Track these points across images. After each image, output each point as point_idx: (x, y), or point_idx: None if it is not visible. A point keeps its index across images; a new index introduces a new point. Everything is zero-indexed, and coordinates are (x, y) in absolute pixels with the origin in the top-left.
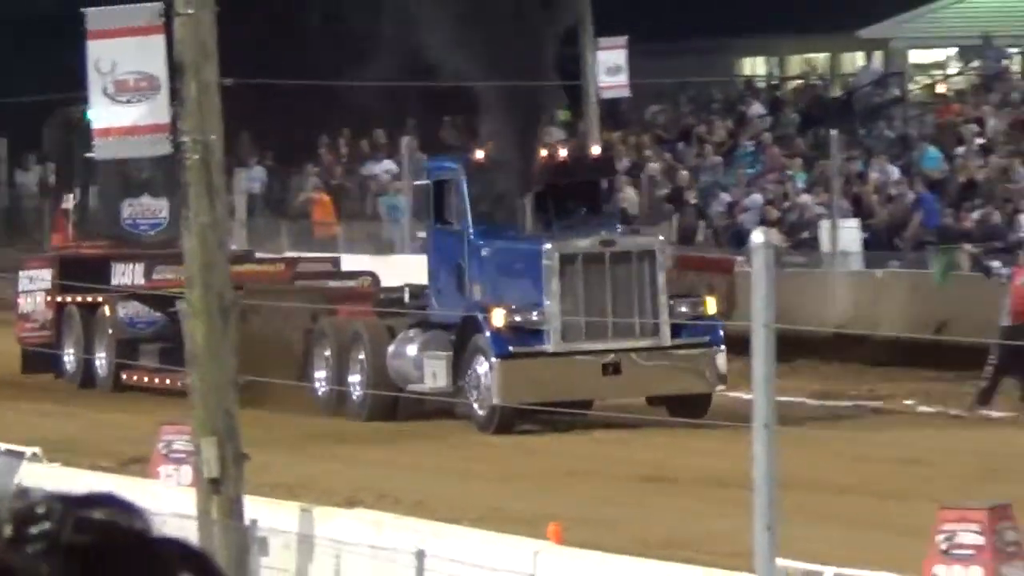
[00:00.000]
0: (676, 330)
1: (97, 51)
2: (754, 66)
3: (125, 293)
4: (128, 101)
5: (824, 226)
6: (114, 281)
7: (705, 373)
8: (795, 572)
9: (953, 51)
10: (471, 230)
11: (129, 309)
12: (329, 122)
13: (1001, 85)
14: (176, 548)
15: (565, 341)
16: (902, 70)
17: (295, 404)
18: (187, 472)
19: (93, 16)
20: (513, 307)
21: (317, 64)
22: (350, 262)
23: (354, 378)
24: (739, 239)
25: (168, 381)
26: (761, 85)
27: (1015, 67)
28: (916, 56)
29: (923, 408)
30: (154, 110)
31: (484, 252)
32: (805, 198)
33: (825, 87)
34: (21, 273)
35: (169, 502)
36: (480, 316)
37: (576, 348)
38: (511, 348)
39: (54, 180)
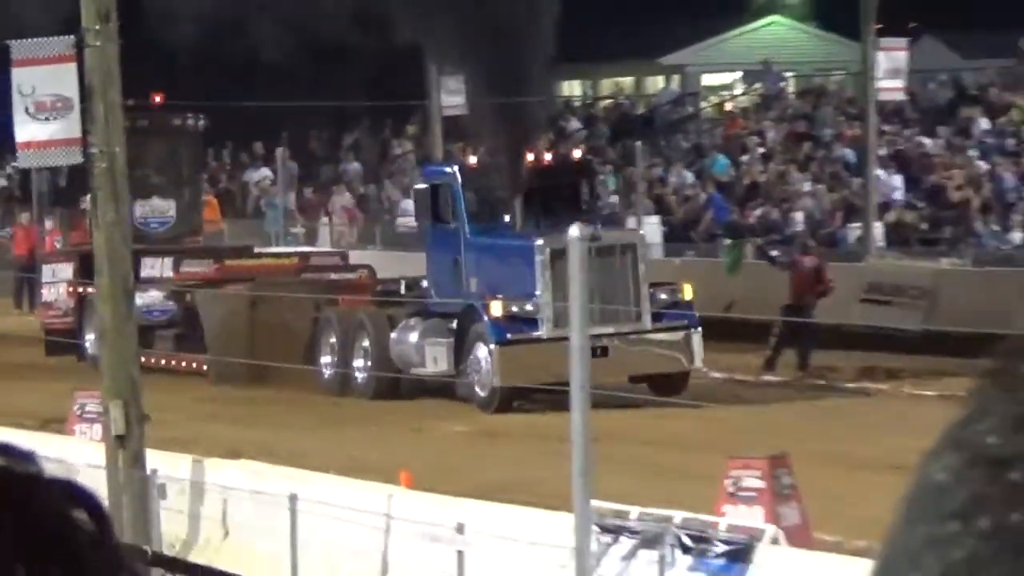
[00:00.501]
0: (657, 315)
1: (20, 77)
2: (572, 88)
3: (144, 285)
4: (46, 119)
5: (631, 222)
6: (143, 274)
7: (682, 353)
8: (606, 511)
9: (739, 75)
10: (467, 228)
11: (147, 299)
12: (216, 138)
13: (778, 104)
14: (66, 487)
15: (557, 328)
16: (696, 91)
17: (303, 385)
18: (98, 430)
19: (16, 47)
20: (510, 298)
21: (197, 87)
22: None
23: (358, 362)
24: None
25: (184, 364)
26: (577, 104)
27: (790, 88)
28: (708, 79)
29: (715, 374)
30: (68, 127)
31: (479, 248)
32: (614, 199)
33: (631, 106)
34: (44, 267)
35: (83, 455)
36: (480, 306)
37: (567, 334)
38: (509, 335)
39: (66, 183)
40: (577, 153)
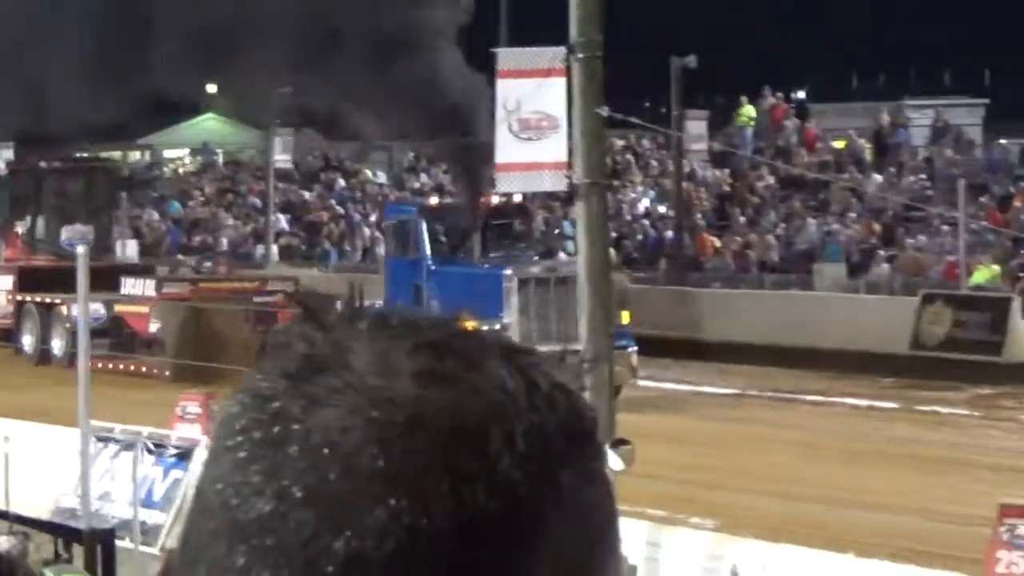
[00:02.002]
0: None
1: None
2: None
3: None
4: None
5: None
6: (124, 291)
7: (625, 368)
8: (98, 428)
9: (187, 151)
10: (429, 259)
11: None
12: None
13: (212, 169)
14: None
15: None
16: (160, 160)
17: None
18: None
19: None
20: (479, 318)
21: None
22: None
23: None
24: None
25: (111, 365)
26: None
27: (220, 159)
28: (168, 153)
29: None
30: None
31: (442, 276)
32: None
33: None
34: None
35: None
36: None
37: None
38: None
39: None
40: (518, 198)
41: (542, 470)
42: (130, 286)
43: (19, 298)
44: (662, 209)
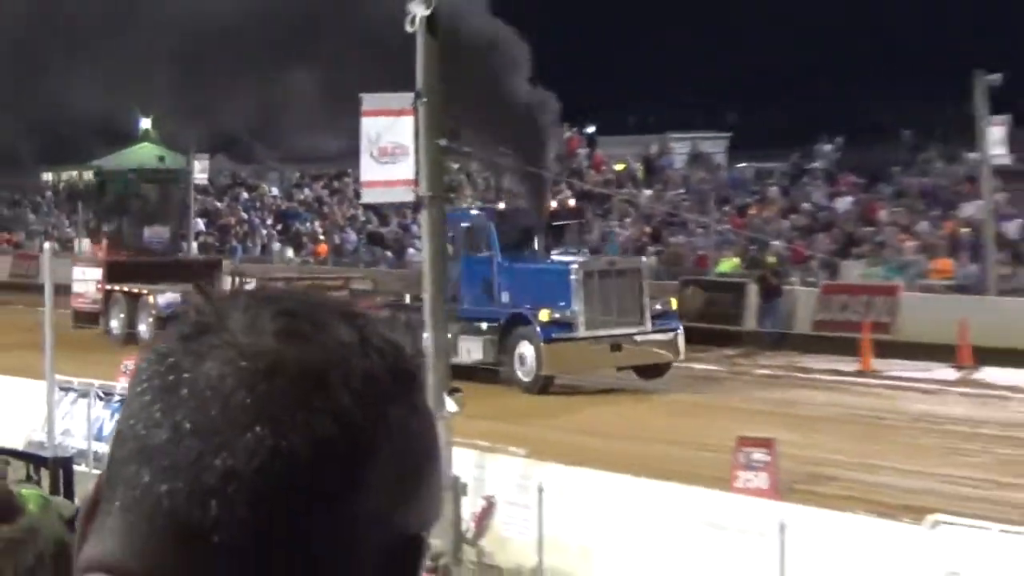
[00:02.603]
0: (652, 321)
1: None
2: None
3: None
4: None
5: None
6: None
7: (671, 349)
8: (62, 381)
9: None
10: (499, 256)
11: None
12: None
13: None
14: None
15: (587, 330)
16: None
17: None
18: None
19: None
20: (552, 307)
21: None
22: None
23: None
24: None
25: None
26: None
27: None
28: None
29: None
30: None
31: (510, 271)
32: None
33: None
34: (75, 268)
35: None
36: (528, 314)
37: (594, 334)
38: (553, 335)
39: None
40: (572, 201)
41: (374, 404)
42: (225, 283)
43: (107, 287)
44: None
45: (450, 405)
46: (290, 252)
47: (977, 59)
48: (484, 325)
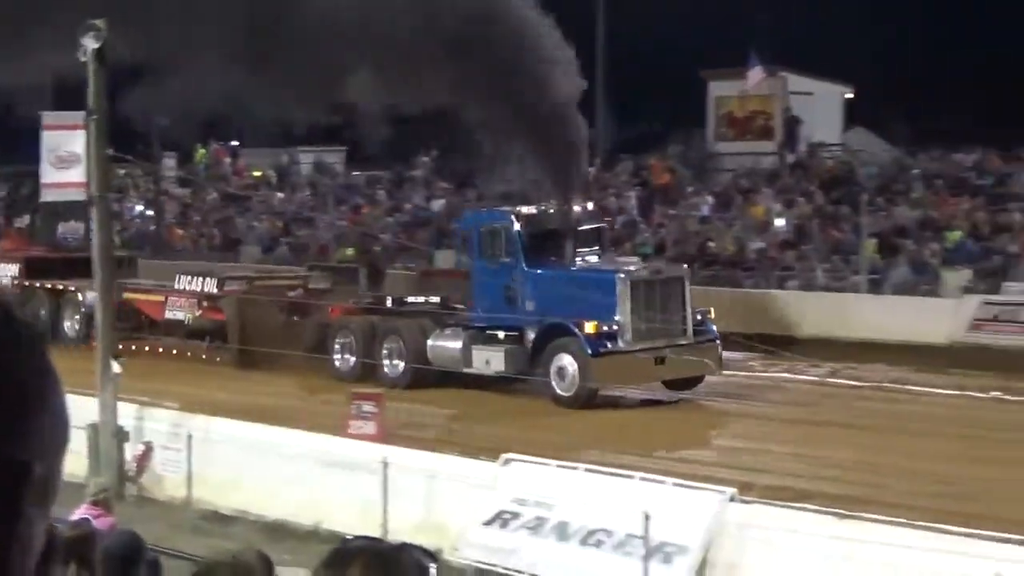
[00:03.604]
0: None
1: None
2: None
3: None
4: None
5: None
6: (178, 287)
7: (713, 359)
8: None
9: None
10: (523, 263)
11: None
12: None
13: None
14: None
15: (633, 341)
16: None
17: (319, 372)
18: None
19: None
20: (599, 318)
21: None
22: None
23: (387, 359)
24: None
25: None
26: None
27: None
28: None
29: None
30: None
31: (536, 278)
32: None
33: None
34: None
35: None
36: (572, 325)
37: (639, 347)
38: (600, 348)
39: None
40: (589, 204)
41: None
42: (185, 282)
43: (26, 283)
44: (149, 212)
45: (115, 367)
46: None
47: None
48: (501, 334)
